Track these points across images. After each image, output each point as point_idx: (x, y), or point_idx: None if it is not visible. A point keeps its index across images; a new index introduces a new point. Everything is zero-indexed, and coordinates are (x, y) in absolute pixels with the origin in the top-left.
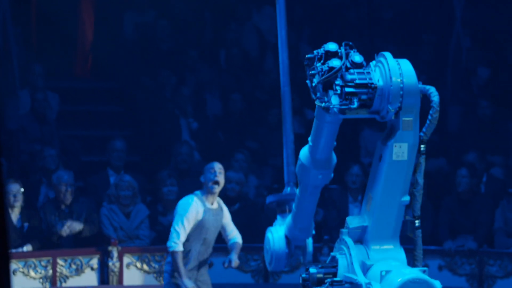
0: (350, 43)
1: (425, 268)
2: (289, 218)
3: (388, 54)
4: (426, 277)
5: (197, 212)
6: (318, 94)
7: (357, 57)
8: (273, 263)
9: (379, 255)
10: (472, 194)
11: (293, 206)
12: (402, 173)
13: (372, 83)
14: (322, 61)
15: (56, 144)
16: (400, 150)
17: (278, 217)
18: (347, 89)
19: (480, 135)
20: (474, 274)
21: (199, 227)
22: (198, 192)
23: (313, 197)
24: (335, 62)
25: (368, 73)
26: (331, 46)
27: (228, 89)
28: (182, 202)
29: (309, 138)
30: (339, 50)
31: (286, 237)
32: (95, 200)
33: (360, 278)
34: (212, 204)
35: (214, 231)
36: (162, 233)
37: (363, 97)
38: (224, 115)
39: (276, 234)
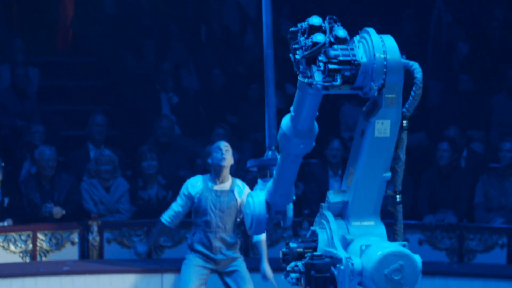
0: (334, 17)
1: (405, 243)
2: (270, 183)
3: (371, 30)
4: (406, 250)
5: (192, 188)
6: (301, 68)
7: (341, 32)
8: (253, 227)
9: (360, 231)
10: (452, 169)
11: (274, 172)
12: (384, 150)
13: (356, 60)
14: (305, 35)
15: (37, 119)
16: (382, 127)
17: (259, 181)
18: (331, 66)
19: (461, 110)
20: (454, 249)
21: (196, 208)
22: (208, 174)
23: (294, 165)
24: (319, 37)
25: (352, 49)
26: (315, 20)
27: (208, 64)
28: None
29: (291, 108)
30: (322, 24)
31: (267, 202)
32: (76, 174)
33: (340, 252)
34: (219, 184)
35: (218, 214)
36: (142, 207)
37: (346, 73)
38: (204, 90)
39: (257, 198)
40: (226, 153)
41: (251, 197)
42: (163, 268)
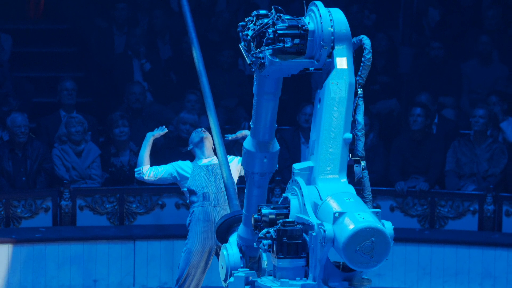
0: (279, 7)
1: (379, 210)
2: (240, 226)
3: (319, 3)
4: (379, 226)
5: (184, 165)
6: (252, 53)
7: (288, 16)
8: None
9: (328, 185)
10: (424, 135)
11: (243, 210)
12: (342, 109)
13: (304, 25)
14: (254, 22)
15: (9, 86)
16: (337, 87)
17: (231, 237)
18: (280, 31)
19: (432, 77)
20: (425, 215)
21: (190, 185)
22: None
23: (261, 190)
24: (266, 20)
25: (299, 19)
26: (262, 11)
27: (180, 32)
28: None
29: (251, 122)
30: (269, 13)
31: (241, 250)
32: (47, 141)
33: (312, 219)
34: (207, 160)
35: (214, 184)
36: (114, 174)
37: (296, 41)
38: (176, 57)
39: (231, 250)
40: (206, 131)
41: (225, 249)
42: (135, 235)
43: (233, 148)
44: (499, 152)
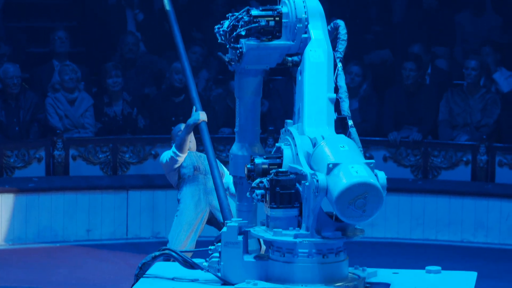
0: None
1: (373, 161)
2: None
3: None
4: (372, 181)
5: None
6: (230, 37)
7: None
8: None
9: (318, 131)
10: (417, 86)
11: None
12: (323, 72)
13: (277, 8)
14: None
15: (2, 36)
16: (316, 54)
17: None
18: (254, 13)
19: (425, 27)
20: (418, 165)
21: (180, 167)
22: None
23: (249, 204)
24: (242, 10)
25: (273, 7)
26: (236, 13)
27: None
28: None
29: (235, 128)
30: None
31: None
32: (41, 91)
33: (305, 168)
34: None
35: (199, 160)
36: (107, 123)
37: (271, 23)
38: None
39: None
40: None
41: None
42: (128, 185)
43: None
44: (492, 102)
